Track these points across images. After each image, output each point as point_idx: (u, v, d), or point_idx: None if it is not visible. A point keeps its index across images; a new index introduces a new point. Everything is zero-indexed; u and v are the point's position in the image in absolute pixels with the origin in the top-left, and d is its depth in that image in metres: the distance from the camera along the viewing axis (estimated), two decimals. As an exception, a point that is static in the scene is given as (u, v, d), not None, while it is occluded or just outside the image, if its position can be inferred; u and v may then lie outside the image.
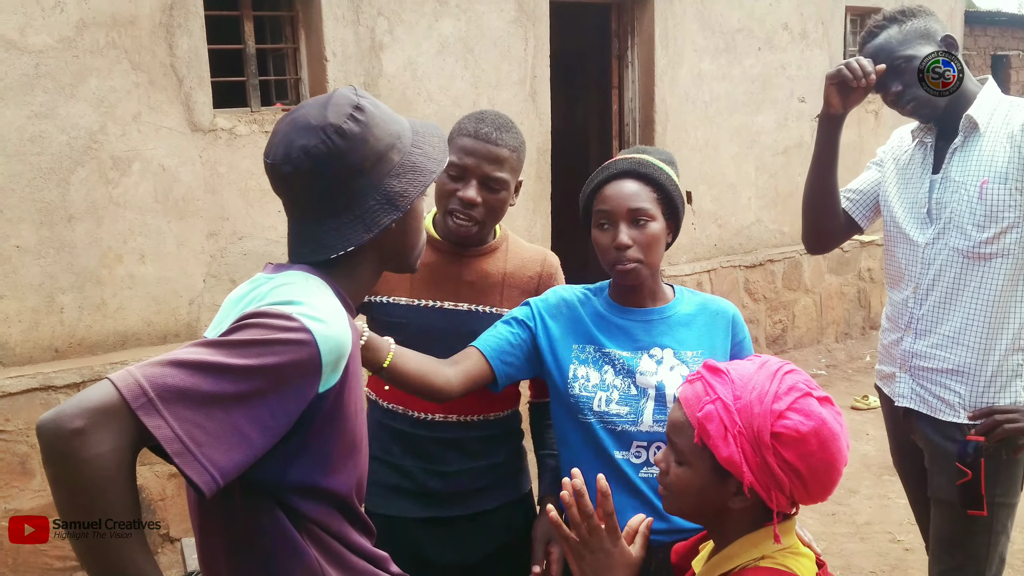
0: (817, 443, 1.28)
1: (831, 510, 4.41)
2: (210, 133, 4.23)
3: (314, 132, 1.36)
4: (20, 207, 3.79)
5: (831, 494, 1.36)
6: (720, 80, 6.37)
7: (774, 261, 6.77)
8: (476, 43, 5.09)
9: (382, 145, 1.40)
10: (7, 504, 3.70)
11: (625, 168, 1.91)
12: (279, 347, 1.22)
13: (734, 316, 2.01)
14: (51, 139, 3.83)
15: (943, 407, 2.34)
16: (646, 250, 1.87)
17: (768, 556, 1.35)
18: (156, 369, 1.16)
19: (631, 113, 6.18)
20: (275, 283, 1.36)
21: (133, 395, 1.13)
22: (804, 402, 1.30)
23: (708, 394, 1.34)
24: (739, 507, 1.34)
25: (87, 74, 3.89)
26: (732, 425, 1.29)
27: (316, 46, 4.59)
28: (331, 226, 1.39)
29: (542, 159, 5.47)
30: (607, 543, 1.42)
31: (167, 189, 4.15)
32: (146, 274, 4.13)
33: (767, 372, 1.34)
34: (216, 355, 1.19)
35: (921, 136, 2.43)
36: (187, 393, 1.16)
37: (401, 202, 1.40)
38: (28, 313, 3.85)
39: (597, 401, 1.91)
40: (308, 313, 1.27)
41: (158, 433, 1.13)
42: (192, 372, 1.17)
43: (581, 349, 1.96)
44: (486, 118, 2.04)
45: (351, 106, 1.39)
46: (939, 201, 2.31)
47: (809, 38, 6.86)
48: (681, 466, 1.37)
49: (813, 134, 2.63)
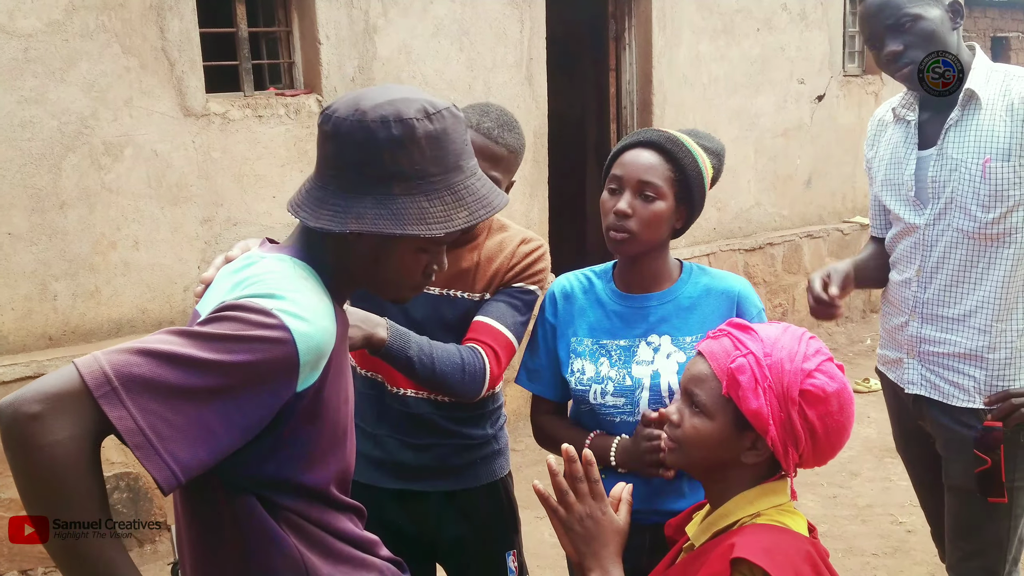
0: (838, 405, 1.34)
1: (832, 492, 4.39)
2: (203, 118, 4.18)
3: (351, 107, 1.29)
4: (11, 193, 3.74)
5: (829, 460, 1.41)
6: (719, 62, 6.32)
7: (774, 244, 6.73)
8: (471, 25, 5.04)
9: (394, 169, 1.28)
10: (3, 494, 3.67)
11: (651, 138, 1.86)
12: (255, 344, 1.17)
13: (740, 293, 1.92)
14: (42, 124, 3.78)
15: (957, 393, 2.26)
16: (644, 226, 1.82)
17: (764, 513, 1.38)
18: (123, 357, 1.12)
19: (629, 96, 6.13)
20: (261, 269, 1.30)
21: (96, 383, 1.09)
22: (829, 365, 1.37)
23: (739, 348, 1.37)
24: (752, 461, 1.37)
25: (77, 58, 3.83)
26: (763, 379, 1.33)
27: (309, 29, 4.53)
28: (314, 196, 1.32)
29: (539, 143, 5.43)
30: (595, 510, 1.42)
31: (160, 175, 4.10)
32: (140, 261, 4.09)
33: (793, 335, 1.39)
34: (188, 347, 1.15)
35: (904, 113, 2.33)
36: (153, 384, 1.11)
37: (351, 223, 1.27)
38: (21, 301, 3.81)
39: (593, 394, 1.89)
40: (289, 310, 1.21)
41: (120, 424, 1.09)
42: (161, 363, 1.13)
43: (579, 342, 1.94)
44: (491, 112, 1.99)
45: (397, 116, 1.27)
46: (936, 180, 2.22)
47: (808, 19, 6.81)
48: (698, 416, 1.39)
49: (812, 116, 2.58)
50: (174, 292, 4.20)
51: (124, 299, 4.07)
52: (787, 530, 1.35)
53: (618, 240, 1.84)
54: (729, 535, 1.36)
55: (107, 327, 4.03)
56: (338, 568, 1.35)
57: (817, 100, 6.94)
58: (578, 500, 1.42)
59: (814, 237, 6.97)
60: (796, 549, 1.31)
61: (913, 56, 2.18)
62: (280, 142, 4.42)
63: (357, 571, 1.38)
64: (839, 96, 7.11)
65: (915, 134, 2.30)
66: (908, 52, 2.19)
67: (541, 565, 3.61)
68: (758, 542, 1.30)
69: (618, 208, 1.82)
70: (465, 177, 1.33)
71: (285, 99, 4.47)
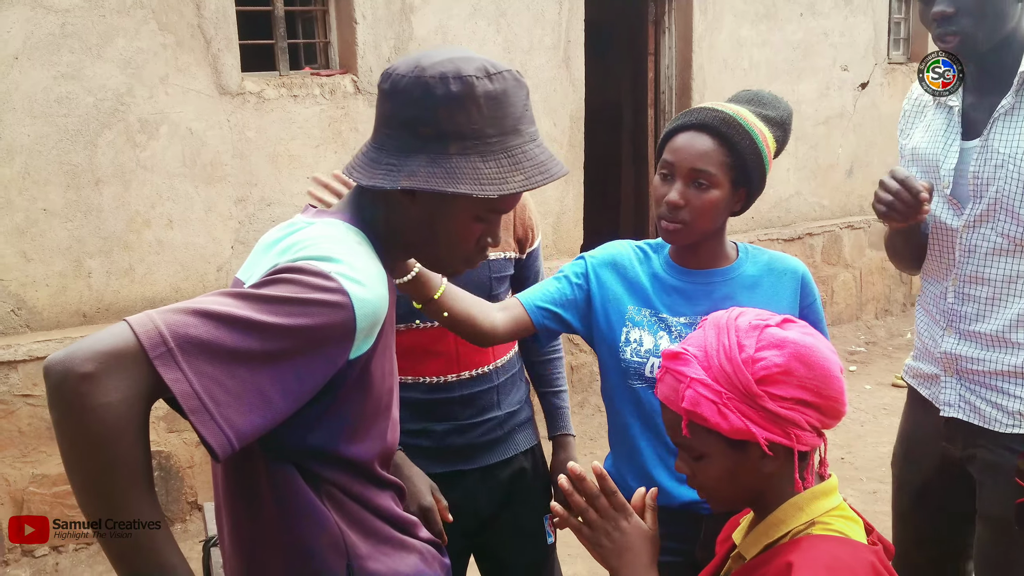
0: (802, 366, 1.24)
1: (872, 488, 4.29)
2: (238, 96, 4.16)
3: (411, 65, 1.26)
4: (47, 169, 3.75)
5: (845, 407, 1.30)
6: (760, 47, 6.19)
7: (813, 235, 6.60)
8: (509, 6, 4.96)
9: (451, 128, 1.24)
10: (34, 469, 3.69)
11: (705, 120, 1.74)
12: (314, 308, 1.12)
13: (804, 276, 1.85)
14: (78, 101, 3.77)
15: (1002, 417, 1.99)
16: (698, 215, 1.72)
17: (818, 521, 1.28)
18: (179, 317, 1.06)
19: (667, 80, 6.03)
20: (314, 233, 1.25)
21: (152, 343, 1.03)
22: (767, 335, 1.26)
23: (681, 381, 1.28)
24: (772, 469, 1.28)
25: (114, 34, 3.82)
26: (718, 396, 1.24)
27: (346, 8, 4.49)
28: (370, 156, 1.29)
29: (575, 127, 5.35)
30: (620, 521, 1.36)
31: (195, 153, 4.09)
32: (174, 239, 4.09)
33: (718, 328, 1.30)
34: (246, 309, 1.09)
35: (946, 98, 2.06)
36: (210, 347, 1.06)
37: (404, 179, 1.24)
38: (56, 277, 3.82)
39: (649, 367, 1.80)
40: (347, 274, 1.17)
41: (175, 387, 1.04)
42: (218, 324, 1.07)
43: (637, 311, 1.84)
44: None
45: (456, 73, 1.24)
46: (979, 176, 1.95)
47: (853, 4, 6.64)
48: (699, 461, 1.31)
49: (855, 104, 2.42)
50: (207, 271, 4.19)
51: (157, 277, 4.07)
52: (847, 540, 1.25)
53: (671, 231, 1.75)
54: (783, 550, 1.27)
55: (140, 305, 4.03)
56: (378, 548, 1.31)
57: (860, 88, 6.78)
58: (599, 515, 1.37)
59: (855, 228, 6.82)
60: (859, 562, 1.22)
61: (962, 25, 1.91)
62: (315, 122, 4.39)
63: (397, 552, 1.34)
64: (883, 84, 6.94)
65: (958, 122, 2.03)
66: (957, 18, 1.90)
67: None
68: (818, 559, 1.21)
69: (669, 199, 1.72)
70: (524, 142, 1.28)
71: (320, 79, 4.43)
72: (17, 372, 3.63)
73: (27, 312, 3.77)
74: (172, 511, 4.03)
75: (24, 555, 3.71)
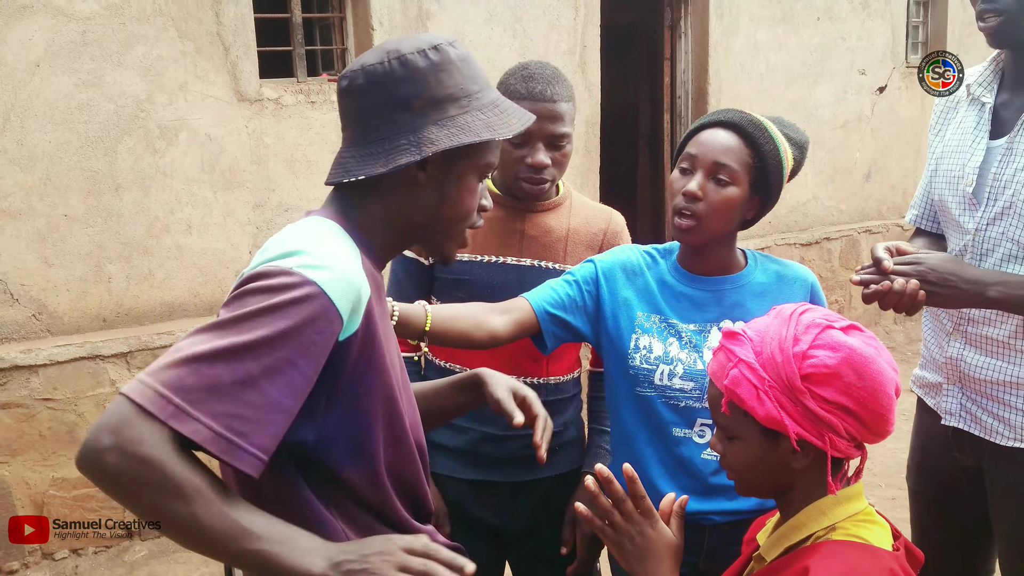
0: (853, 372, 1.22)
1: (891, 494, 4.26)
2: (256, 103, 4.19)
3: (381, 53, 1.29)
4: (68, 175, 3.79)
5: (893, 423, 1.27)
6: (777, 51, 6.17)
7: (831, 239, 6.56)
8: (524, 11, 4.98)
9: (443, 92, 1.28)
10: (55, 473, 3.72)
11: (732, 119, 1.73)
12: (287, 308, 1.12)
13: (813, 284, 1.84)
14: (98, 107, 3.81)
15: (1003, 429, 1.94)
16: (713, 212, 1.70)
17: (839, 525, 1.27)
18: (169, 373, 1.07)
19: (684, 85, 6.02)
20: (282, 234, 1.27)
21: (157, 406, 1.04)
22: (826, 335, 1.25)
23: (730, 360, 1.29)
24: (801, 465, 1.27)
25: (134, 42, 3.86)
26: (761, 382, 1.25)
27: (363, 15, 4.51)
28: (359, 152, 1.30)
29: (591, 132, 5.35)
30: (645, 527, 1.36)
31: (213, 159, 4.12)
32: (192, 245, 4.12)
33: (782, 318, 1.29)
34: (227, 336, 1.10)
35: (980, 92, 2.00)
36: (213, 387, 1.07)
37: (428, 147, 1.26)
38: (76, 282, 3.86)
39: (659, 374, 1.77)
40: (308, 263, 1.17)
41: (197, 438, 1.05)
42: (210, 364, 1.08)
43: (646, 317, 1.81)
44: (534, 74, 1.96)
45: (430, 44, 1.30)
46: (998, 177, 1.89)
47: (870, 7, 6.61)
48: (732, 442, 1.32)
49: (873, 108, 2.39)
50: (226, 276, 4.22)
51: (176, 282, 4.10)
52: (867, 547, 1.24)
53: (684, 228, 1.72)
54: (802, 554, 1.26)
55: (159, 310, 4.06)
56: None
57: (878, 92, 6.74)
58: (624, 519, 1.37)
59: (872, 232, 6.77)
60: (878, 568, 1.21)
61: (1006, 5, 1.83)
62: (332, 128, 4.41)
63: None
64: (901, 88, 6.90)
65: (988, 119, 1.97)
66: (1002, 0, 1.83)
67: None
68: (834, 566, 1.20)
69: (688, 189, 1.69)
70: (498, 96, 1.36)
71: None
72: (38, 376, 3.66)
73: (48, 317, 3.81)
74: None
75: (44, 557, 3.74)
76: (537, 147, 1.94)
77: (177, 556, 3.90)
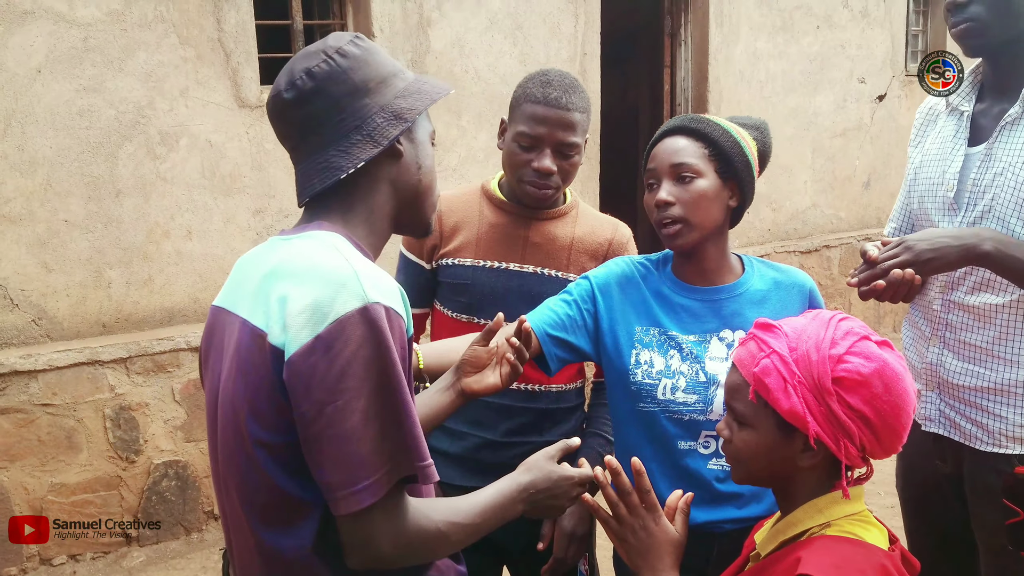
0: (882, 385, 1.24)
1: (891, 502, 4.23)
2: (257, 109, 4.19)
3: (315, 55, 1.32)
4: (68, 181, 3.79)
5: (903, 441, 1.30)
6: (776, 59, 6.19)
7: (830, 247, 6.57)
8: (525, 19, 4.99)
9: (385, 70, 1.35)
10: (53, 478, 3.71)
11: (675, 125, 1.78)
12: (373, 343, 1.19)
13: (811, 290, 1.84)
14: (99, 113, 3.82)
15: (981, 435, 1.95)
16: (691, 208, 1.71)
17: (834, 523, 1.29)
18: (364, 466, 1.18)
19: (683, 93, 6.03)
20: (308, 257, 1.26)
21: (376, 490, 1.18)
22: (863, 345, 1.27)
23: (762, 350, 1.30)
24: (808, 464, 1.29)
25: (135, 48, 3.87)
26: (791, 376, 1.26)
27: (364, 22, 4.52)
28: (340, 148, 1.30)
29: (591, 139, 5.36)
30: (648, 521, 1.38)
31: (214, 165, 4.12)
32: (192, 250, 4.12)
33: (821, 321, 1.31)
34: (352, 409, 1.18)
35: (958, 102, 2.04)
36: (397, 418, 1.21)
37: (408, 114, 1.32)
38: (76, 287, 3.86)
39: (662, 389, 1.76)
40: (356, 291, 1.20)
41: (390, 486, 1.21)
42: (364, 426, 1.18)
43: (645, 331, 1.80)
44: (553, 81, 1.96)
45: (350, 36, 1.35)
46: (977, 183, 1.92)
47: (870, 16, 6.63)
48: (744, 429, 1.33)
49: (873, 116, 2.39)
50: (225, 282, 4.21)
51: (176, 288, 4.10)
52: (860, 542, 1.26)
53: (672, 234, 1.73)
54: (796, 547, 1.28)
55: (159, 315, 4.06)
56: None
57: (878, 100, 6.76)
58: (629, 512, 1.38)
59: (872, 240, 6.76)
60: (870, 564, 1.21)
61: (976, 13, 1.88)
62: (332, 134, 4.41)
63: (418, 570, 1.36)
64: (900, 96, 6.92)
65: (967, 127, 2.01)
66: (972, 7, 1.88)
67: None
68: (826, 557, 1.22)
69: (658, 199, 1.72)
70: (409, 73, 1.43)
71: (338, 91, 4.46)
72: (37, 382, 3.66)
73: (48, 322, 3.81)
74: (189, 520, 4.04)
75: (42, 563, 3.73)
76: (545, 152, 1.95)
77: (175, 562, 3.89)
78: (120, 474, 3.87)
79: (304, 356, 1.18)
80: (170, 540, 3.99)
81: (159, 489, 3.95)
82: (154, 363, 3.90)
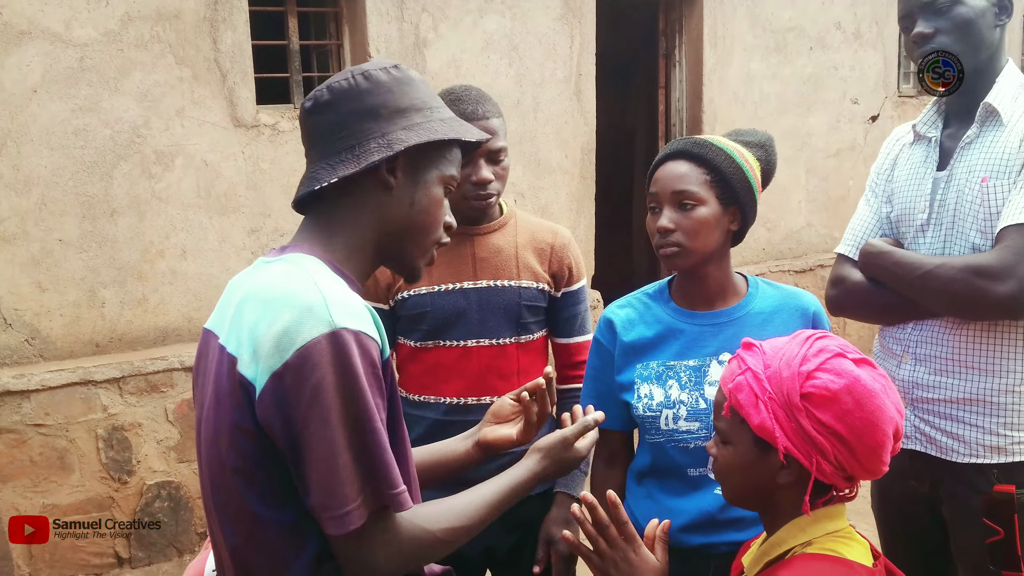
0: (852, 401, 1.24)
1: (886, 523, 4.24)
2: (253, 129, 4.20)
3: (346, 73, 1.36)
4: (63, 200, 3.79)
5: (886, 462, 1.29)
6: (770, 80, 6.22)
7: (825, 267, 6.58)
8: (521, 40, 5.01)
9: (407, 103, 1.35)
10: (45, 499, 3.68)
11: (678, 148, 1.79)
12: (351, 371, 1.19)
13: (816, 313, 1.84)
14: (95, 133, 3.82)
15: (957, 446, 1.96)
16: (691, 235, 1.73)
17: (816, 541, 1.30)
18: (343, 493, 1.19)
19: (678, 113, 6.06)
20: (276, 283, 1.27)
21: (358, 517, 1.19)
22: (835, 362, 1.27)
23: (740, 367, 1.33)
24: (786, 481, 1.30)
25: (131, 68, 3.88)
26: (762, 392, 1.27)
27: (360, 42, 4.54)
28: (329, 162, 1.33)
29: (586, 159, 5.37)
30: (628, 552, 1.40)
31: (209, 184, 4.12)
32: (187, 270, 4.11)
33: (798, 340, 1.33)
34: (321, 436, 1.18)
35: (925, 130, 2.10)
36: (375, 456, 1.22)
37: (397, 144, 1.32)
38: (69, 307, 3.85)
39: (664, 419, 1.78)
40: (324, 318, 1.20)
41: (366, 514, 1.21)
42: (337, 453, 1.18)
43: (644, 367, 1.83)
44: (461, 96, 2.04)
45: (391, 63, 1.37)
46: (943, 203, 1.99)
47: (863, 38, 6.68)
48: (726, 446, 1.35)
49: (866, 136, 2.41)
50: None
51: (170, 307, 4.09)
52: (841, 560, 1.27)
53: (670, 255, 1.76)
54: (777, 568, 1.29)
55: (153, 335, 4.05)
56: None
57: (871, 121, 6.80)
58: (609, 546, 1.40)
59: (866, 260, 6.80)
60: None
61: (941, 43, 1.95)
62: (328, 154, 4.42)
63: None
64: (893, 117, 6.96)
65: (936, 152, 2.07)
66: (937, 38, 1.96)
67: None
68: (806, 575, 1.23)
69: (659, 225, 1.75)
70: (452, 113, 1.44)
71: (334, 111, 4.46)
72: (30, 402, 3.64)
73: (41, 342, 3.79)
74: (182, 542, 4.01)
75: (33, 586, 3.70)
76: (479, 164, 2.03)
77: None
78: (112, 495, 3.84)
79: (273, 383, 1.18)
80: (162, 561, 3.96)
81: (151, 510, 3.92)
82: (147, 383, 3.88)
